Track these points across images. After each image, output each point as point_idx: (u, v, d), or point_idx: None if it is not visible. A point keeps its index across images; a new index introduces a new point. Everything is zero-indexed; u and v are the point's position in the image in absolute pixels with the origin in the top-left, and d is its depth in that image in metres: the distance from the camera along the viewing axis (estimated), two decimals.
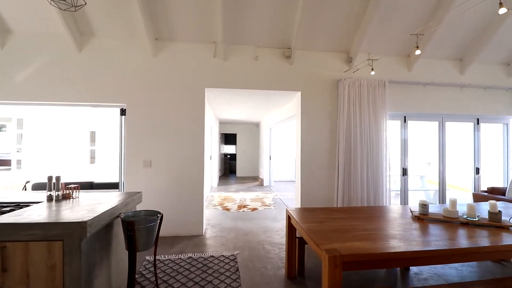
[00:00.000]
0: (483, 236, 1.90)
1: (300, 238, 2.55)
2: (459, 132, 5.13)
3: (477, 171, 4.55)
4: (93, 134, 8.35)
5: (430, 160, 9.57)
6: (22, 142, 8.32)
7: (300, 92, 3.86)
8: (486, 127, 4.62)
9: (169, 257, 2.88)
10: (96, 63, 3.51)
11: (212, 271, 2.58)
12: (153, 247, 2.02)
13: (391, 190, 3.90)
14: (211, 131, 7.42)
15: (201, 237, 3.57)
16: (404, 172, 4.27)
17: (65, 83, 3.46)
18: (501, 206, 2.80)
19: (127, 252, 1.98)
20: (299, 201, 3.89)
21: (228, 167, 12.09)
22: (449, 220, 2.22)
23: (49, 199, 2.07)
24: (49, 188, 2.09)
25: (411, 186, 4.42)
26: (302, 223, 2.15)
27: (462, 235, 1.90)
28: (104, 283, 1.86)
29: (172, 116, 3.61)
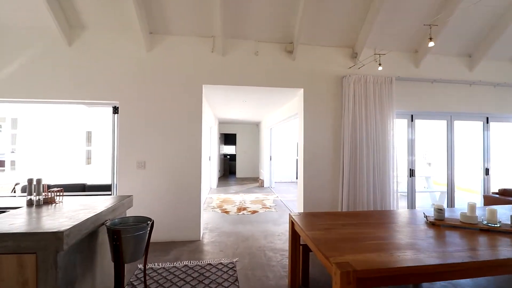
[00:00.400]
0: (509, 245, 1.71)
1: (304, 245, 2.36)
2: (467, 131, 4.94)
3: (486, 172, 4.36)
4: (89, 134, 8.16)
5: (430, 160, 9.42)
6: (16, 143, 8.12)
7: (302, 89, 3.67)
8: (496, 126, 4.43)
9: (163, 265, 2.68)
10: (87, 58, 3.32)
11: (209, 281, 2.38)
12: (143, 257, 1.83)
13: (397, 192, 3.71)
14: (210, 131, 7.22)
15: (198, 242, 3.37)
16: (411, 173, 4.08)
17: (53, 80, 3.27)
18: None
19: None
20: (301, 203, 3.70)
21: (227, 168, 11.90)
22: (468, 226, 2.03)
23: (29, 204, 1.88)
24: (29, 192, 1.91)
25: (416, 187, 4.24)
26: (307, 230, 1.96)
27: (486, 244, 1.71)
28: None
29: (168, 115, 3.42)
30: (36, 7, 2.91)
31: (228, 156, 12.41)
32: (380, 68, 3.39)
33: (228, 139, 12.39)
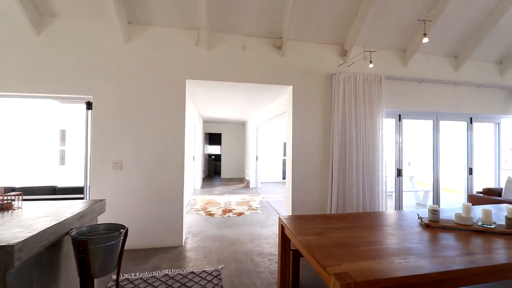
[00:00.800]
0: (507, 247, 1.64)
1: (294, 250, 2.22)
2: (451, 131, 5.02)
3: (470, 171, 4.43)
4: (63, 133, 7.65)
5: (410, 160, 9.63)
6: None
7: (291, 87, 3.54)
8: (479, 127, 4.51)
9: (140, 275, 2.45)
10: (57, 48, 3.02)
11: None
12: (115, 270, 1.61)
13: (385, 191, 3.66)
14: (194, 129, 6.96)
15: (180, 248, 3.15)
16: (399, 173, 4.06)
17: (19, 72, 2.94)
18: (499, 208, 2.62)
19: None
20: (290, 204, 3.56)
21: (212, 168, 11.63)
22: (463, 228, 1.96)
23: None
24: None
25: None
26: (299, 235, 1.82)
27: (484, 247, 1.64)
28: None
29: (148, 111, 3.17)
30: None
31: (213, 156, 12.14)
32: (371, 65, 3.31)
33: (213, 138, 12.11)
